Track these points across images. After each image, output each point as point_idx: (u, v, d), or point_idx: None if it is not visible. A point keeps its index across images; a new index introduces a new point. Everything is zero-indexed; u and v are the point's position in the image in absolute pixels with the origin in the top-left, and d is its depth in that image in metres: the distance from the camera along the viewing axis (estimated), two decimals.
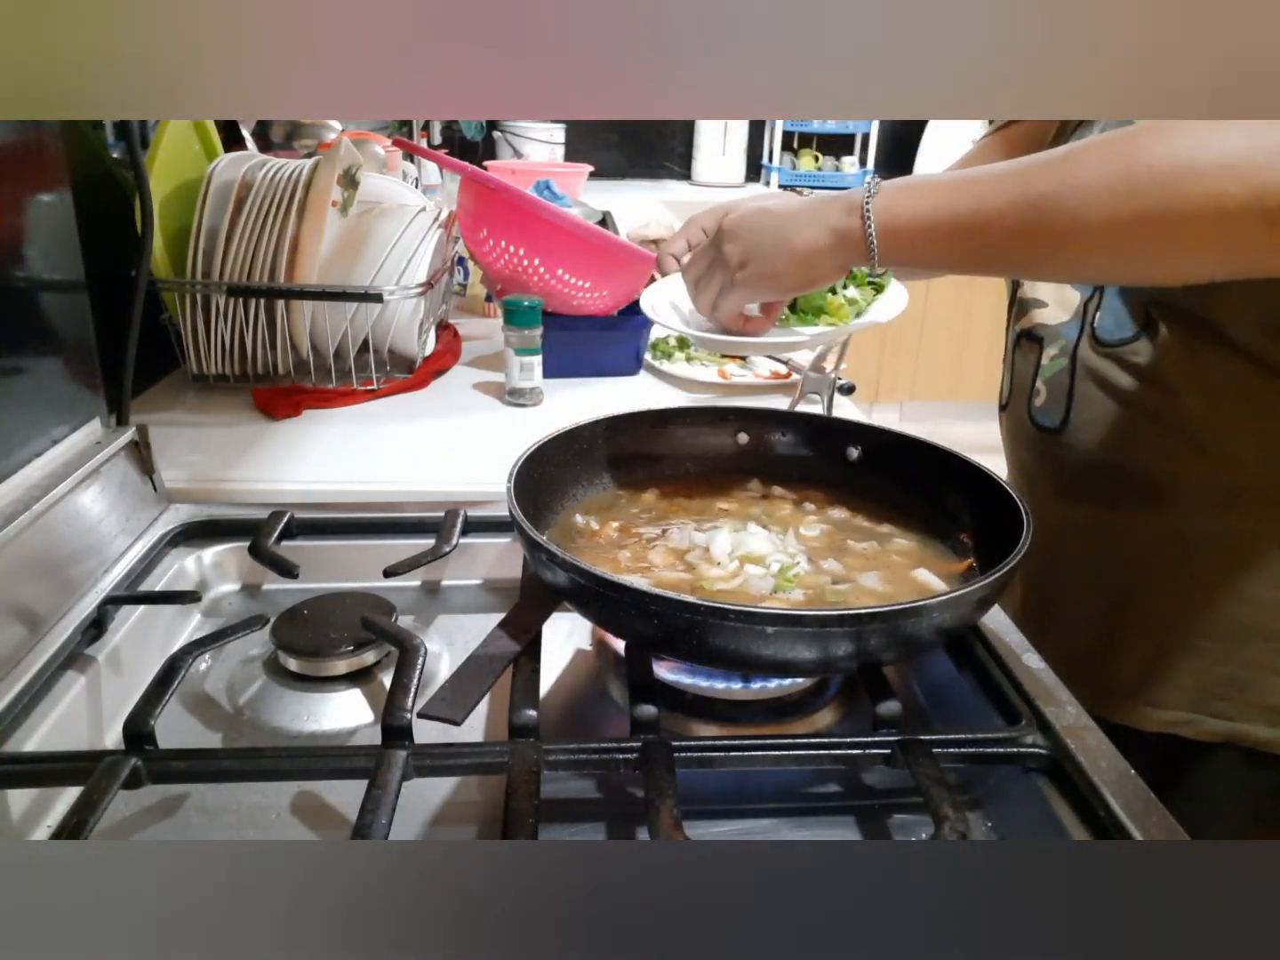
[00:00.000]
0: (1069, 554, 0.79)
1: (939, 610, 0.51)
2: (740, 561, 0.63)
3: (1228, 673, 0.71)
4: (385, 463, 0.94)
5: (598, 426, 0.74)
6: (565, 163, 2.98)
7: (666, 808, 0.45)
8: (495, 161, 2.69)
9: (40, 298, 0.68)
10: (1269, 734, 0.70)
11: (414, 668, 0.55)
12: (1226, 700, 0.71)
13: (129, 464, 0.76)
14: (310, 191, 1.03)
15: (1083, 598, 0.79)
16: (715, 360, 1.30)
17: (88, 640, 0.61)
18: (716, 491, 0.75)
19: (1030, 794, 0.52)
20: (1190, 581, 0.72)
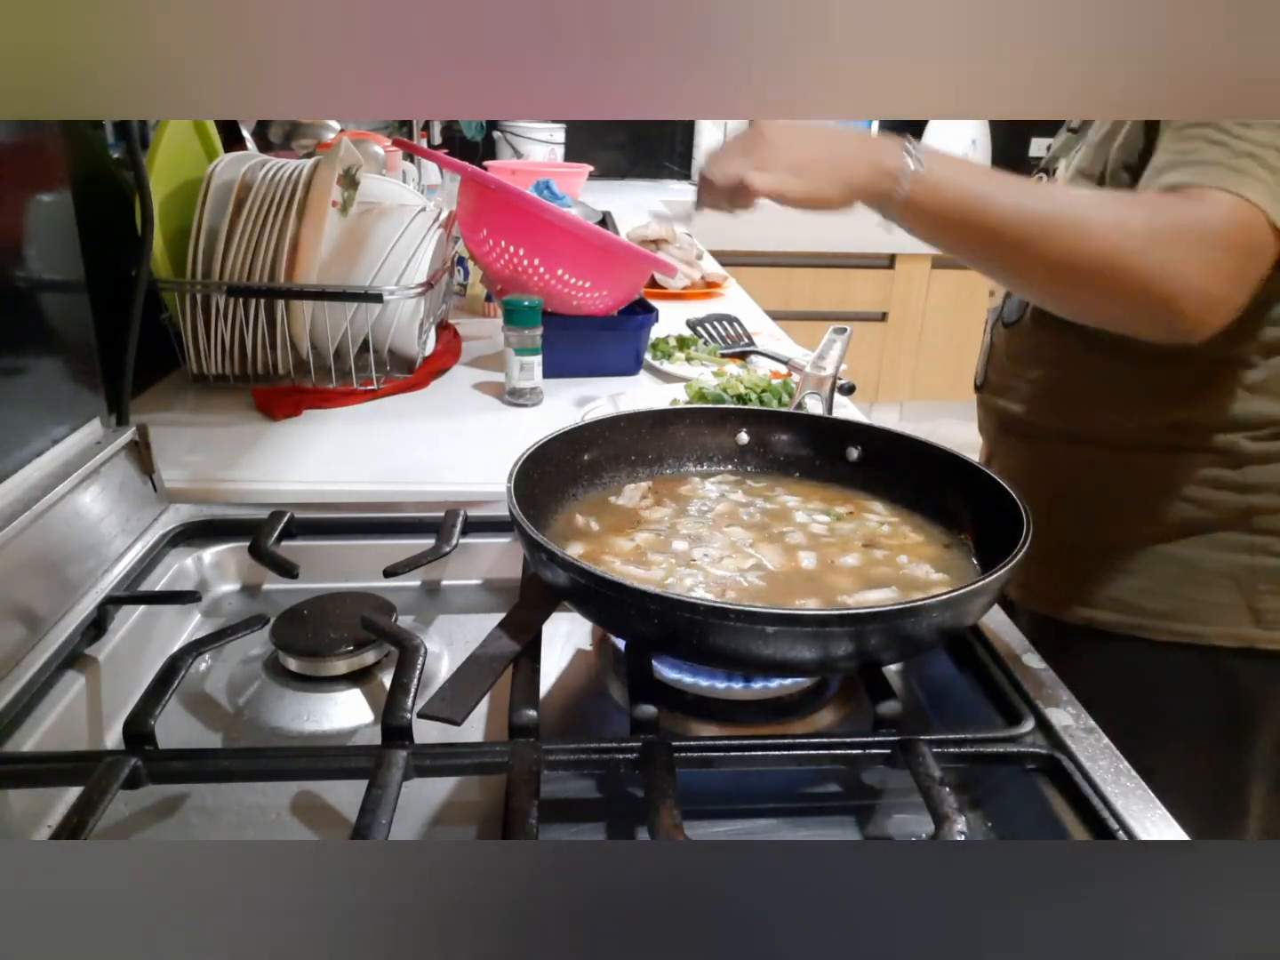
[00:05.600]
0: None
1: (939, 610, 0.51)
2: (740, 561, 0.63)
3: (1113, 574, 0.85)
4: (385, 463, 0.94)
5: (598, 426, 0.74)
6: (565, 163, 2.98)
7: (666, 808, 0.45)
8: (495, 161, 2.69)
9: (40, 298, 0.68)
10: (1116, 618, 0.84)
11: (414, 668, 0.55)
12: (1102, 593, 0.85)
13: (129, 464, 0.76)
14: (310, 191, 1.03)
15: None
16: (715, 360, 1.30)
17: (88, 640, 0.61)
18: (718, 491, 0.75)
19: (1030, 794, 0.52)
20: (1092, 503, 0.86)
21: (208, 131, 1.17)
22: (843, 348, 0.93)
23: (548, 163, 2.91)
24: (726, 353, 1.36)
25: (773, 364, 1.32)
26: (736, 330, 1.45)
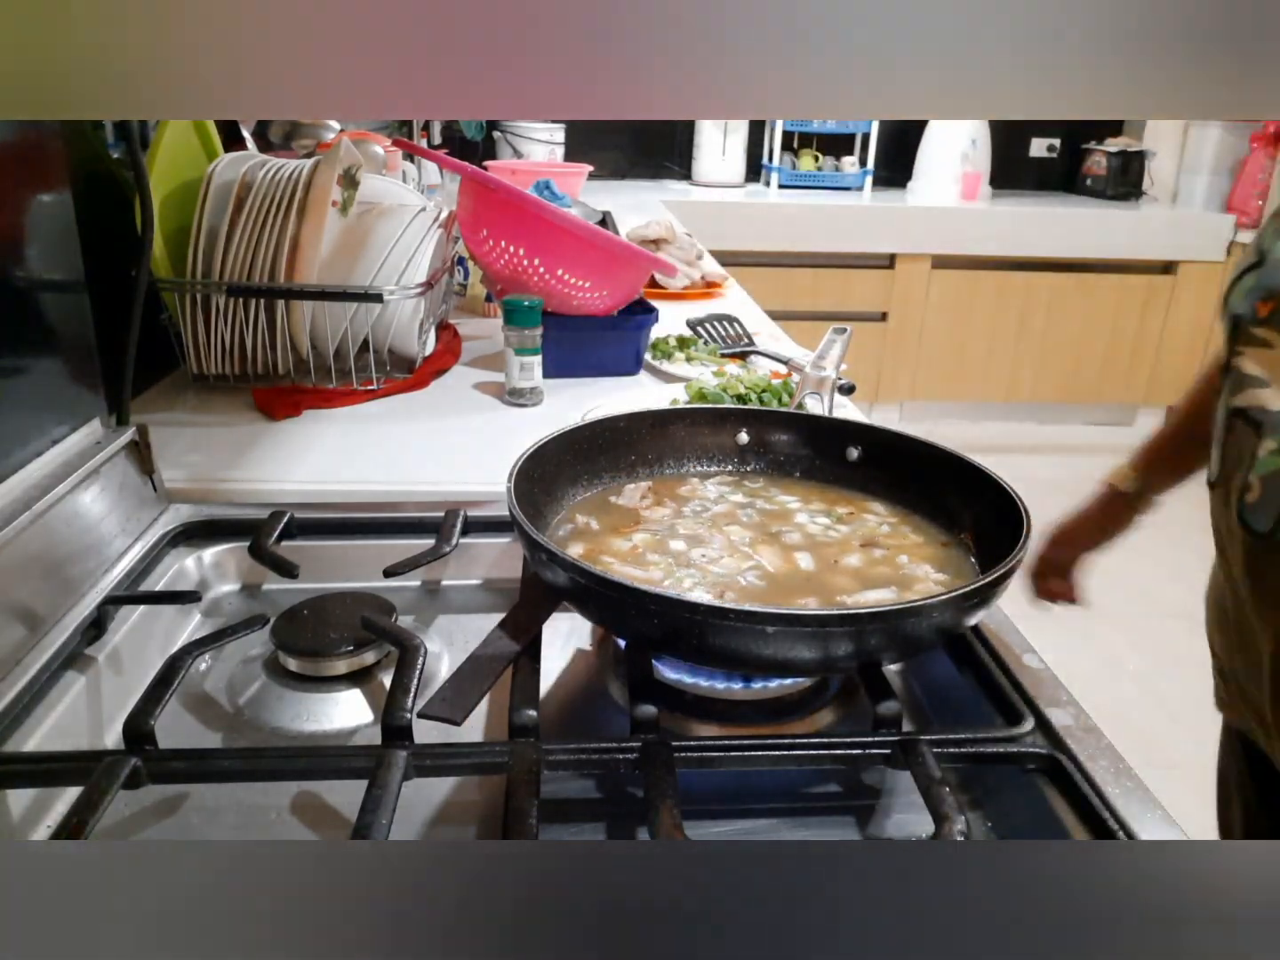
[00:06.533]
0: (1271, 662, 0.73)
1: (939, 610, 0.51)
2: (740, 561, 0.63)
3: None
4: (385, 463, 0.94)
5: (598, 426, 0.74)
6: (565, 163, 2.98)
7: (666, 808, 0.45)
8: (495, 161, 2.69)
9: (40, 298, 0.68)
10: None
11: (414, 668, 0.55)
12: None
13: (129, 464, 0.76)
14: (310, 191, 1.03)
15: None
16: (715, 360, 1.30)
17: (88, 640, 0.61)
18: (717, 491, 0.75)
19: (1030, 794, 0.52)
20: None
21: (208, 131, 1.17)
22: (843, 348, 0.93)
23: (548, 163, 2.91)
24: (726, 353, 1.36)
25: (773, 364, 1.32)
26: (736, 330, 1.45)
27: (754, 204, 3.40)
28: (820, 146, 3.73)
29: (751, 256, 3.23)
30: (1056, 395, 3.64)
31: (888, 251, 3.39)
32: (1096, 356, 3.58)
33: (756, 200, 3.43)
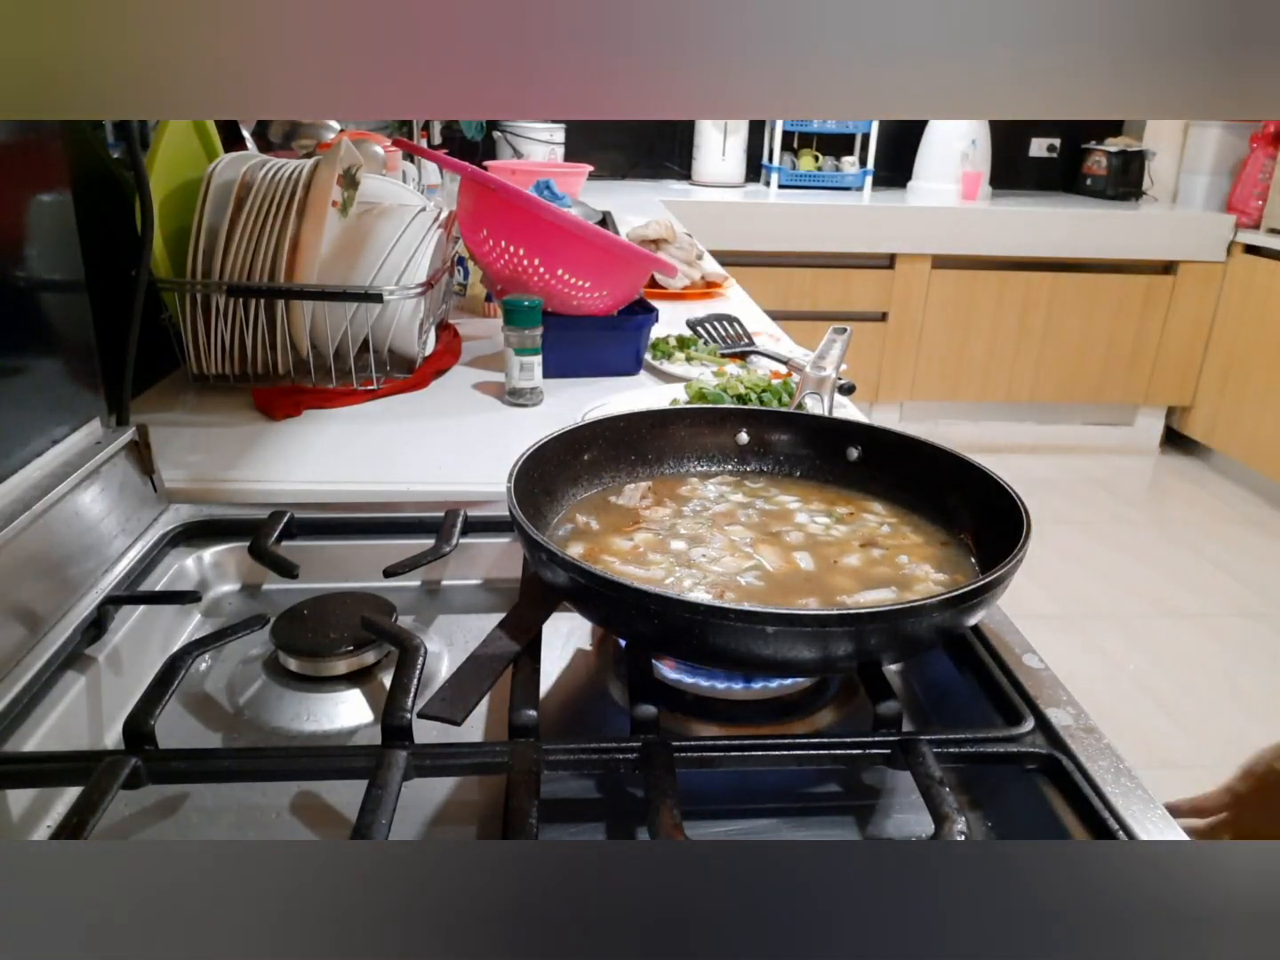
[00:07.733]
0: None
1: (939, 610, 0.51)
2: (740, 561, 0.63)
3: None
4: (385, 463, 0.94)
5: (598, 426, 0.74)
6: (565, 163, 2.98)
7: (666, 808, 0.45)
8: (495, 161, 2.69)
9: (40, 298, 0.68)
10: None
11: (414, 668, 0.55)
12: None
13: (129, 464, 0.76)
14: (310, 191, 1.03)
15: None
16: (715, 360, 1.30)
17: (88, 640, 0.61)
18: (717, 491, 0.75)
19: (1030, 794, 0.52)
20: None
21: (208, 131, 1.17)
22: (843, 348, 0.93)
23: (548, 163, 2.91)
24: (726, 353, 1.36)
25: (773, 364, 1.32)
26: (736, 330, 1.46)
27: (754, 204, 3.40)
28: (820, 146, 3.74)
29: (751, 256, 3.23)
30: (1056, 395, 3.64)
31: (888, 251, 3.39)
32: (1096, 356, 3.58)
33: (756, 200, 3.44)
